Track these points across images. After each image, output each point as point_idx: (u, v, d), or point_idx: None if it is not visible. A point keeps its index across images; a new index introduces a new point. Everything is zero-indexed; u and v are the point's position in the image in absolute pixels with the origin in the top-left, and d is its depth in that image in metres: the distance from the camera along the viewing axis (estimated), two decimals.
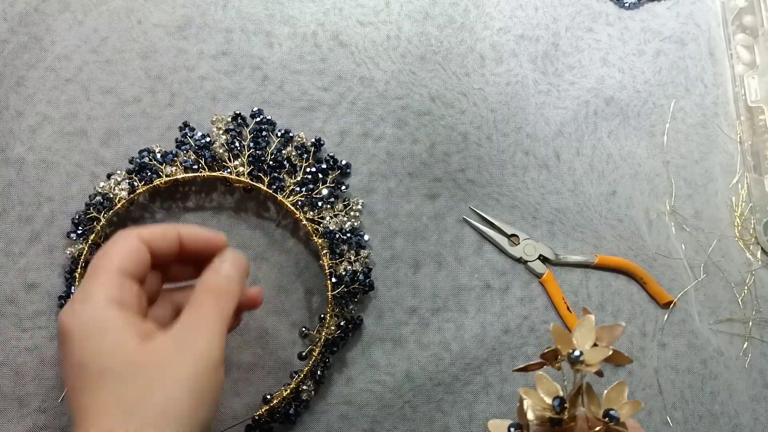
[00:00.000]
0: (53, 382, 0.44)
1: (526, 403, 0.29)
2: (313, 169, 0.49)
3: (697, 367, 0.52)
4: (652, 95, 0.59)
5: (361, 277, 0.47)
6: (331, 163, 0.50)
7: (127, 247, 0.32)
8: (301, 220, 0.47)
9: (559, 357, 0.29)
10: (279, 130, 0.50)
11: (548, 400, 0.28)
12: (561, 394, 0.29)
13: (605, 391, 0.29)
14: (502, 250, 0.52)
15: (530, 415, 0.28)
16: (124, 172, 0.47)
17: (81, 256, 0.45)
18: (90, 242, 0.45)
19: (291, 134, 0.50)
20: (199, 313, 0.31)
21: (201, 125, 0.50)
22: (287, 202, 0.47)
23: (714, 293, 0.55)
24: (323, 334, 0.46)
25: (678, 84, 0.60)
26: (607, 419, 0.28)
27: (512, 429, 0.29)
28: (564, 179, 0.55)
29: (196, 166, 0.47)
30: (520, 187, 0.54)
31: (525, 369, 0.31)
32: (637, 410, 0.28)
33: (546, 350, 0.30)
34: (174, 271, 0.36)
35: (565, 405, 0.28)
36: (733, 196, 0.59)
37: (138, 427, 0.26)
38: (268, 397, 0.45)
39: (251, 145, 0.48)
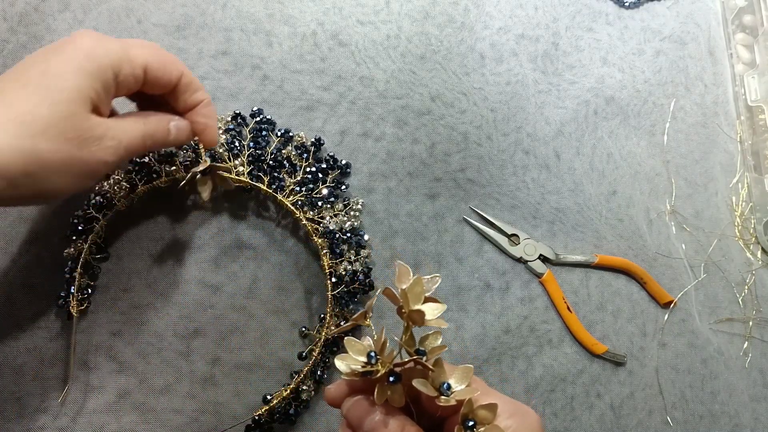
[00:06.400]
0: (53, 382, 0.44)
1: (343, 365, 0.31)
2: (313, 169, 0.49)
3: (697, 367, 0.52)
4: (652, 95, 0.59)
5: (361, 277, 0.47)
6: (331, 162, 0.50)
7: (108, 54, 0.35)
8: (301, 220, 0.47)
9: (368, 315, 0.33)
10: (279, 130, 0.50)
11: (361, 358, 0.31)
12: (371, 349, 0.31)
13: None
14: (502, 250, 0.52)
15: (344, 369, 0.31)
16: (123, 172, 0.47)
17: (80, 256, 0.45)
18: (89, 242, 0.45)
19: (291, 134, 0.50)
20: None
21: None
22: (287, 202, 0.47)
23: (714, 293, 0.55)
24: (323, 334, 0.45)
25: (678, 83, 0.60)
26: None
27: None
28: (564, 179, 0.55)
29: None
30: (521, 186, 0.54)
31: (342, 329, 0.36)
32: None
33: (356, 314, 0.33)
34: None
35: (378, 357, 0.30)
36: (733, 195, 0.59)
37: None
38: (268, 397, 0.45)
39: (251, 144, 0.48)
